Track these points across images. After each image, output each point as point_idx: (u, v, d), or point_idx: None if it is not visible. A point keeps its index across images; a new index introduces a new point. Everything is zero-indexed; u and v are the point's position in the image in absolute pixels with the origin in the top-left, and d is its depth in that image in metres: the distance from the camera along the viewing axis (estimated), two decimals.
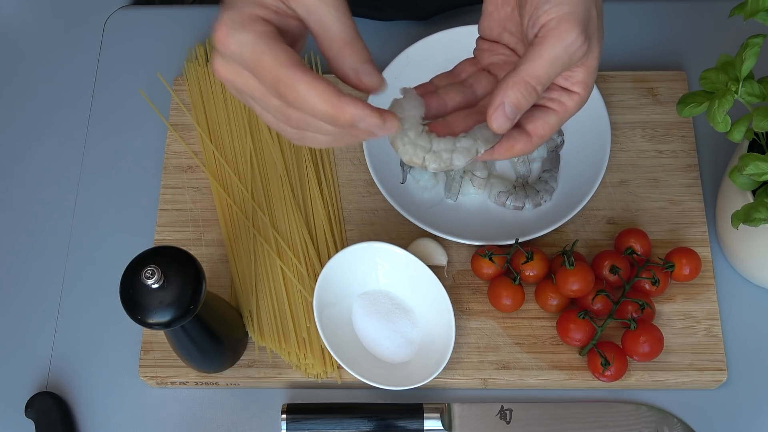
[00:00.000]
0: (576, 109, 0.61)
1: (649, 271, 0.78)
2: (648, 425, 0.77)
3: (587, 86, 0.60)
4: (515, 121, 0.58)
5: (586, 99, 0.61)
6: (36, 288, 0.85)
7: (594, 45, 0.59)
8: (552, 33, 0.57)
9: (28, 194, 0.90)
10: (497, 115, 0.58)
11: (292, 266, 0.82)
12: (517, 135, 0.61)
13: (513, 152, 0.61)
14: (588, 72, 0.60)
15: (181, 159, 0.88)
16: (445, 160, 0.60)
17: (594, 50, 0.59)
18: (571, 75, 0.60)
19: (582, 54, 0.58)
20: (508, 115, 0.58)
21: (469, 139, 0.60)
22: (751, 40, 0.66)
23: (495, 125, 0.58)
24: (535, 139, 0.61)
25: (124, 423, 0.80)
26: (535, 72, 0.57)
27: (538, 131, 0.60)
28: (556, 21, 0.56)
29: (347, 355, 0.77)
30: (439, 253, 0.82)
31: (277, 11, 0.56)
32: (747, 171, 0.68)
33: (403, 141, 0.61)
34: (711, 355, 0.78)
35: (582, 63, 0.59)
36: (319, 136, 0.57)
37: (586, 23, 0.57)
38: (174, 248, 0.67)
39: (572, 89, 0.60)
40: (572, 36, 0.56)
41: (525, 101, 0.58)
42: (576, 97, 0.61)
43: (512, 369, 0.78)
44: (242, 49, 0.54)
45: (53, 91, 0.95)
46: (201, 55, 0.93)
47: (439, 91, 0.65)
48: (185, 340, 0.72)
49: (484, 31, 0.67)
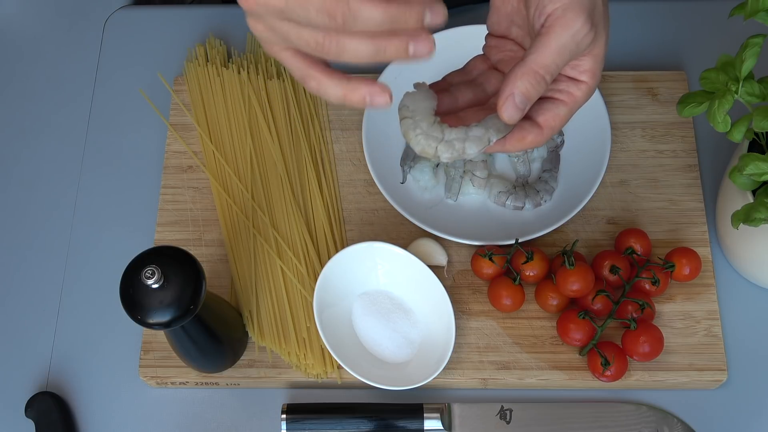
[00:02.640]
0: (584, 99, 0.61)
1: (649, 271, 0.78)
2: (648, 425, 0.77)
3: (594, 75, 0.60)
4: (525, 112, 0.59)
5: (594, 88, 0.61)
6: (36, 288, 0.85)
7: (600, 32, 0.59)
8: (558, 22, 0.57)
9: (28, 194, 0.90)
10: (507, 106, 0.58)
11: (292, 266, 0.82)
12: (528, 126, 0.61)
13: (524, 143, 0.61)
14: (595, 60, 0.60)
15: (181, 159, 0.88)
16: (458, 149, 0.60)
17: (600, 38, 0.59)
18: (578, 64, 0.60)
19: (589, 41, 0.58)
20: (518, 105, 0.58)
21: (481, 128, 0.61)
22: (751, 40, 0.66)
23: (505, 116, 0.58)
24: (546, 131, 0.61)
25: (124, 423, 0.80)
26: (543, 61, 0.57)
27: (548, 123, 0.61)
28: (562, 9, 0.57)
29: (347, 355, 0.77)
30: (439, 253, 0.82)
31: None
32: (747, 171, 0.68)
33: (415, 132, 0.61)
34: (711, 355, 0.78)
35: (589, 51, 0.59)
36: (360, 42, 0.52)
37: (592, 10, 0.58)
38: (174, 248, 0.67)
39: (579, 78, 0.61)
40: (578, 24, 0.57)
41: (534, 91, 0.58)
42: (584, 86, 0.61)
43: (512, 369, 0.78)
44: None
45: (53, 91, 0.95)
46: (201, 55, 0.93)
47: (451, 88, 0.65)
48: (185, 340, 0.72)
49: (492, 26, 0.67)
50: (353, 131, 0.89)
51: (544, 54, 0.57)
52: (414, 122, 0.62)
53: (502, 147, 0.61)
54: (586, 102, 0.62)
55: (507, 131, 0.61)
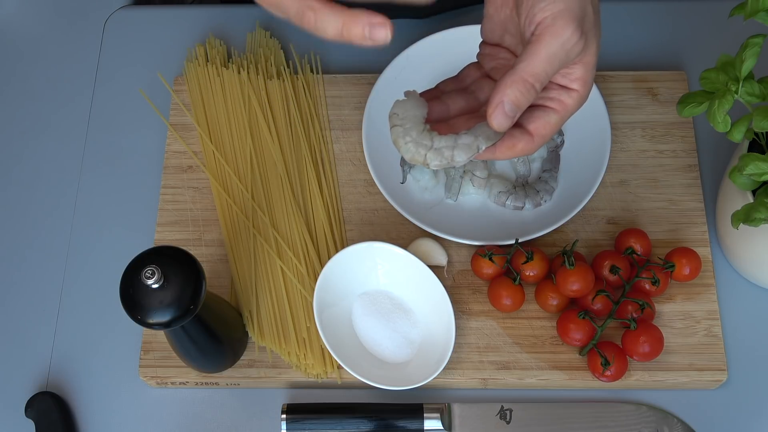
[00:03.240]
0: (576, 107, 0.61)
1: (649, 271, 0.78)
2: (648, 425, 0.77)
3: (585, 83, 0.60)
4: (515, 119, 0.59)
5: (585, 96, 0.61)
6: (36, 288, 0.85)
7: (591, 41, 0.59)
8: (548, 30, 0.57)
9: (28, 194, 0.90)
10: (497, 113, 0.58)
11: (292, 266, 0.82)
12: (518, 134, 0.61)
13: (515, 151, 0.61)
14: (586, 69, 0.60)
15: (181, 159, 0.88)
16: (447, 157, 0.60)
17: (591, 47, 0.59)
18: (569, 72, 0.60)
19: (579, 50, 0.58)
20: (508, 112, 0.58)
21: (470, 136, 0.61)
22: (751, 40, 0.66)
23: (495, 123, 0.58)
24: (537, 139, 0.61)
25: (124, 423, 0.80)
26: (532, 69, 0.57)
27: (539, 131, 0.61)
28: (551, 18, 0.57)
29: (347, 355, 0.77)
30: (439, 253, 0.82)
31: None
32: (747, 171, 0.68)
33: (405, 140, 0.61)
34: (711, 355, 0.78)
35: (579, 60, 0.59)
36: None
37: (582, 19, 0.57)
38: (174, 248, 0.67)
39: (570, 86, 0.60)
40: (568, 32, 0.57)
41: (524, 99, 0.58)
42: (575, 95, 0.61)
43: (512, 369, 0.78)
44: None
45: (53, 91, 0.95)
46: (201, 55, 0.93)
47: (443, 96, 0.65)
48: (185, 340, 0.72)
49: (486, 34, 0.67)
50: (353, 131, 0.89)
51: (533, 62, 0.57)
52: (404, 130, 0.62)
53: (492, 155, 0.61)
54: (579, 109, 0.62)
55: (497, 138, 0.61)
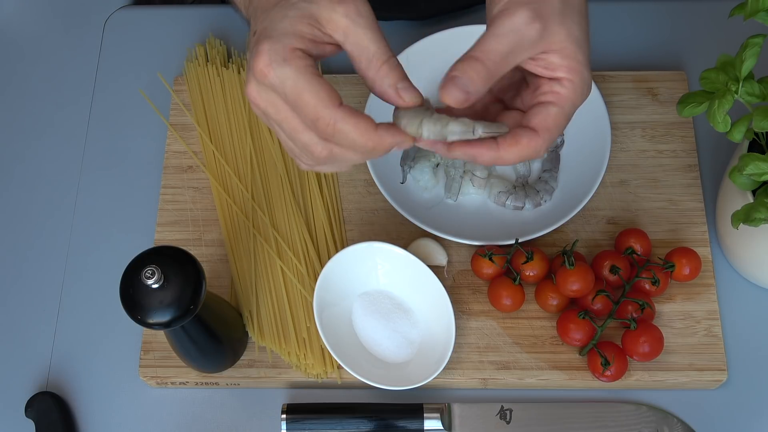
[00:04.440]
0: (573, 96, 0.61)
1: (649, 271, 0.78)
2: (648, 425, 0.77)
3: (571, 70, 0.60)
4: (471, 98, 0.58)
5: (580, 85, 0.61)
6: (36, 288, 0.85)
7: (554, 27, 0.59)
8: (501, 14, 0.59)
9: (28, 194, 0.90)
10: (449, 86, 0.58)
11: (292, 266, 0.82)
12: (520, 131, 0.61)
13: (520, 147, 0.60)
14: (563, 55, 0.60)
15: (181, 159, 0.88)
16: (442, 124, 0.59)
17: (555, 32, 0.59)
18: (546, 60, 0.60)
19: (535, 33, 0.58)
20: (459, 85, 0.58)
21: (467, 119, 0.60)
22: (751, 40, 0.66)
23: (447, 96, 0.58)
24: (542, 133, 0.60)
25: (124, 423, 0.80)
26: (484, 47, 0.59)
27: (542, 124, 0.60)
28: (506, 3, 0.59)
29: (347, 355, 0.77)
30: (439, 253, 0.82)
31: (314, 40, 0.57)
32: (747, 171, 0.68)
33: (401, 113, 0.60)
34: (711, 355, 0.78)
35: (547, 46, 0.59)
36: (342, 162, 0.60)
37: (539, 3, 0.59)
38: (174, 248, 0.67)
39: (556, 75, 0.60)
40: (519, 15, 0.58)
41: (476, 74, 0.58)
42: (566, 83, 0.60)
43: (512, 369, 0.78)
44: (283, 84, 0.56)
45: (53, 91, 0.95)
46: (201, 55, 0.93)
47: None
48: (185, 340, 0.72)
49: None
50: None
51: (484, 41, 0.59)
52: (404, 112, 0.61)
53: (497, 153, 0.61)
54: (583, 102, 0.62)
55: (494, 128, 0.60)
